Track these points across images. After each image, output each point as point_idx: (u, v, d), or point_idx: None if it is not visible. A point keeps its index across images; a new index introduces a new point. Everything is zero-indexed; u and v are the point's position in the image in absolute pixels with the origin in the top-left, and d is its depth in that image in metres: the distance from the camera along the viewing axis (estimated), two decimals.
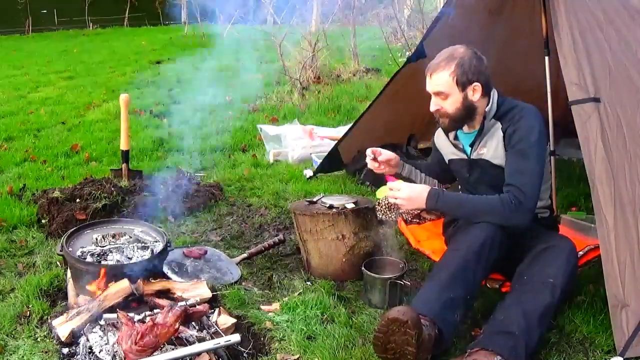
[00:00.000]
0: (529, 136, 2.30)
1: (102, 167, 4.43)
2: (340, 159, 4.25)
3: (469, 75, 2.33)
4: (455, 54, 2.36)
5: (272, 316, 2.45)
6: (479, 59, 2.37)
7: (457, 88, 2.35)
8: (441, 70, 2.35)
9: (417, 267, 2.89)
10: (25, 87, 7.93)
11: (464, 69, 2.33)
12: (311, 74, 7.43)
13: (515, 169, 2.30)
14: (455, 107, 2.38)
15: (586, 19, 2.60)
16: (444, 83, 2.35)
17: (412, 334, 1.97)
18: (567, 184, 3.80)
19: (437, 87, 2.38)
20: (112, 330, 2.18)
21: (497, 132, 2.40)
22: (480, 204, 2.32)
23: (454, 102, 2.37)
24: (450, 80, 2.34)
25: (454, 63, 2.34)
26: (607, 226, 2.19)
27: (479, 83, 2.35)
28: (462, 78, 2.33)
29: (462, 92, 2.35)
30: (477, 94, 2.36)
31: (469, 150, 2.51)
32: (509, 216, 2.24)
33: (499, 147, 2.40)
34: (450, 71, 2.34)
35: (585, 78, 2.42)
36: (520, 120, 2.34)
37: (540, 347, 2.21)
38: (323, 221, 2.70)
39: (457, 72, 2.33)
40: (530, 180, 2.26)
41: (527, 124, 2.32)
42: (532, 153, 2.29)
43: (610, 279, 2.13)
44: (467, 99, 2.36)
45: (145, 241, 2.70)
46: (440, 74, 2.35)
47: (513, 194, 2.24)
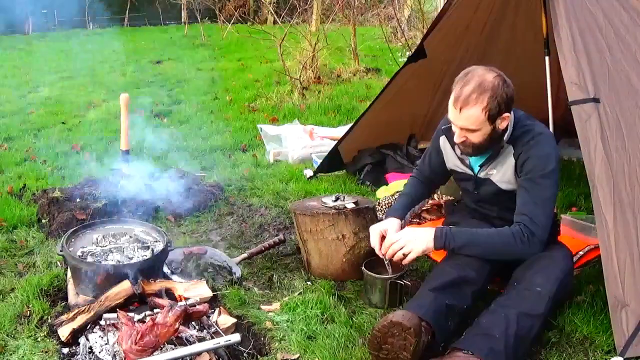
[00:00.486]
0: (542, 165, 2.22)
1: (102, 167, 4.42)
2: (341, 159, 4.25)
3: (501, 107, 2.18)
4: (486, 85, 2.15)
5: (272, 316, 2.45)
6: (508, 86, 2.20)
7: (488, 122, 2.19)
8: (472, 106, 2.15)
9: (417, 267, 2.89)
10: (25, 87, 7.92)
11: (497, 102, 2.15)
12: (311, 74, 7.43)
13: (528, 200, 2.23)
14: (482, 138, 2.25)
15: (586, 19, 2.61)
16: (475, 120, 2.18)
17: (411, 341, 1.98)
18: (567, 184, 3.81)
19: (466, 124, 2.21)
20: (112, 330, 2.18)
21: (509, 157, 2.31)
22: (493, 241, 2.25)
23: (483, 135, 2.23)
24: (482, 115, 2.17)
25: (486, 96, 2.15)
26: (607, 226, 2.19)
27: (508, 112, 2.22)
28: (494, 112, 2.17)
29: (492, 125, 2.21)
30: (505, 122, 2.24)
31: (477, 169, 2.43)
32: (522, 250, 2.20)
33: (508, 172, 2.32)
34: (482, 106, 2.15)
35: (585, 78, 2.42)
36: (534, 148, 2.24)
37: (540, 347, 2.21)
38: (323, 221, 2.70)
39: (490, 107, 2.15)
40: (543, 211, 2.21)
41: (541, 152, 2.23)
42: (546, 183, 2.21)
43: (610, 279, 2.14)
44: (496, 129, 2.24)
45: (146, 241, 2.70)
46: (472, 110, 2.16)
47: (525, 225, 2.19)
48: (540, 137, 2.26)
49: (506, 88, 2.18)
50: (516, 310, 2.09)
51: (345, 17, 9.03)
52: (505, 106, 2.19)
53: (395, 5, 9.41)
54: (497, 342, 2.01)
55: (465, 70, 2.24)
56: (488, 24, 3.75)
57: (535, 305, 2.11)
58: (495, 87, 2.15)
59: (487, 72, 2.20)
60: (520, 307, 2.10)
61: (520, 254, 2.22)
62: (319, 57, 7.60)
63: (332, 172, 4.29)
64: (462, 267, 2.24)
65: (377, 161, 4.16)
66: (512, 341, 2.02)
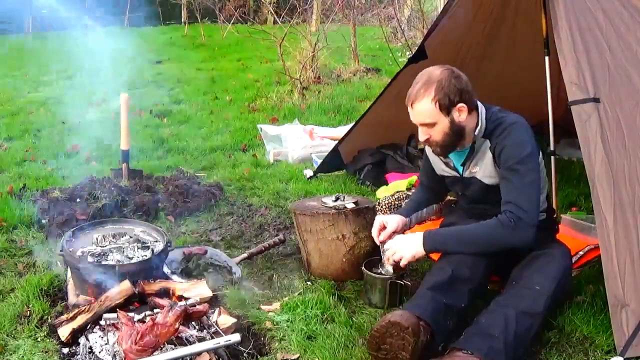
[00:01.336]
0: (518, 152, 2.24)
1: (102, 167, 4.43)
2: (341, 159, 4.26)
3: (451, 96, 2.23)
4: (432, 78, 2.25)
5: (272, 316, 2.45)
6: (457, 78, 2.26)
7: (442, 114, 2.25)
8: (421, 99, 2.24)
9: (417, 267, 2.89)
10: (25, 87, 7.92)
11: (444, 92, 2.22)
12: (311, 74, 7.43)
13: (510, 187, 2.25)
14: (444, 133, 2.29)
15: (586, 19, 2.61)
16: (427, 112, 2.25)
17: (410, 341, 1.98)
18: (567, 184, 3.81)
19: (421, 118, 2.28)
20: (112, 330, 2.18)
21: (487, 151, 2.34)
22: (480, 233, 2.27)
23: (442, 129, 2.28)
24: (433, 107, 2.23)
25: (432, 88, 2.23)
26: (607, 226, 2.19)
27: (462, 102, 2.26)
28: (444, 101, 2.23)
29: (448, 117, 2.26)
30: (463, 114, 2.27)
31: (461, 169, 2.47)
32: (512, 237, 2.20)
33: (489, 166, 2.35)
34: (431, 98, 2.23)
35: (585, 78, 2.42)
36: (507, 137, 2.27)
37: (540, 347, 2.21)
38: (323, 221, 2.70)
39: (438, 97, 2.22)
40: (526, 195, 2.21)
41: (515, 140, 2.26)
42: (524, 168, 2.23)
43: (610, 279, 2.14)
44: (455, 122, 2.27)
45: (146, 241, 2.70)
46: (422, 103, 2.25)
47: (511, 212, 2.20)
48: (513, 126, 2.29)
49: (454, 79, 2.25)
50: (515, 309, 2.09)
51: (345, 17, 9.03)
52: (457, 97, 2.24)
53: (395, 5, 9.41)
54: (497, 341, 2.01)
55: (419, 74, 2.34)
56: (488, 25, 3.75)
57: (534, 303, 2.11)
58: (441, 79, 2.24)
59: (436, 69, 2.29)
60: (519, 306, 2.10)
61: (510, 240, 2.22)
62: (319, 57, 7.60)
63: (332, 172, 4.30)
64: (457, 265, 2.24)
65: (377, 161, 4.16)
66: (511, 340, 2.02)
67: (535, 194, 2.25)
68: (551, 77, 3.19)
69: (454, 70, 2.29)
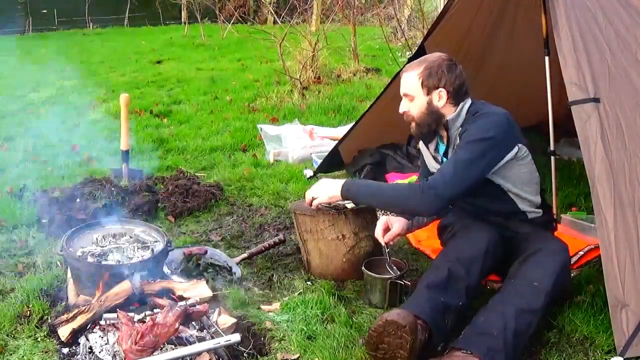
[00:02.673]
0: (475, 133, 2.26)
1: (102, 167, 4.43)
2: (341, 159, 4.26)
3: (434, 79, 2.34)
4: (427, 59, 2.39)
5: (272, 316, 2.45)
6: (450, 67, 2.36)
7: (422, 90, 2.36)
8: (410, 70, 2.39)
9: (417, 267, 2.90)
10: (25, 87, 7.92)
11: (431, 72, 2.34)
12: (311, 74, 7.43)
13: (448, 160, 2.32)
14: (420, 110, 2.39)
15: (586, 19, 2.61)
16: (410, 83, 2.38)
17: (407, 339, 1.98)
18: (567, 184, 3.80)
19: (404, 87, 2.41)
20: (112, 330, 2.18)
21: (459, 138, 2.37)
22: (391, 191, 2.40)
23: (419, 106, 2.38)
24: (416, 80, 2.36)
25: (422, 66, 2.37)
26: (607, 226, 2.19)
27: (444, 90, 2.35)
28: (427, 81, 2.35)
29: (427, 96, 2.36)
30: (442, 100, 2.36)
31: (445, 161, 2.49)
32: (418, 202, 2.25)
33: None
34: (418, 72, 2.36)
35: (585, 78, 2.42)
36: (474, 122, 2.30)
37: (540, 347, 2.21)
38: (323, 221, 2.70)
39: (424, 74, 2.35)
40: (455, 171, 2.22)
41: (479, 124, 2.28)
42: (472, 147, 2.24)
43: (610, 279, 2.14)
44: (432, 104, 2.37)
45: (146, 241, 2.70)
46: (409, 74, 2.39)
47: (430, 181, 2.25)
48: (486, 115, 2.32)
49: (447, 67, 2.35)
50: (514, 306, 2.08)
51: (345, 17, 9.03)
52: (441, 81, 2.34)
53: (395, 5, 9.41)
54: (496, 340, 2.01)
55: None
56: (489, 25, 3.75)
57: (533, 300, 2.10)
58: (433, 61, 2.37)
59: (437, 53, 2.44)
60: (517, 303, 2.09)
61: (414, 205, 2.29)
62: (319, 57, 7.60)
63: (332, 172, 4.30)
64: (453, 264, 2.25)
65: (377, 161, 4.16)
66: (510, 338, 2.02)
67: (468, 174, 2.23)
68: (551, 77, 3.19)
69: (451, 59, 2.39)
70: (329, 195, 2.47)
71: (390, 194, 2.38)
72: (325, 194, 2.48)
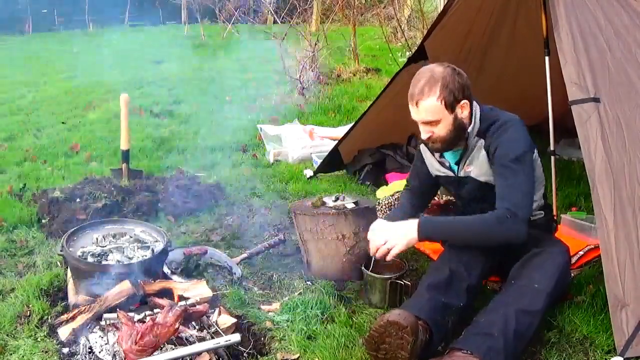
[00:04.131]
0: (511, 150, 2.25)
1: (102, 167, 4.43)
2: (341, 159, 4.26)
3: (455, 93, 2.26)
4: (436, 75, 2.26)
5: (272, 316, 2.45)
6: (459, 75, 2.29)
7: (447, 111, 2.27)
8: (427, 97, 2.25)
9: (417, 267, 2.89)
10: (25, 87, 7.92)
11: (450, 89, 2.25)
12: (311, 74, 7.43)
13: (504, 185, 2.25)
14: (447, 130, 2.30)
15: (586, 19, 2.61)
16: (433, 110, 2.26)
17: (408, 340, 1.98)
18: (567, 184, 3.81)
19: (426, 115, 2.28)
20: (112, 330, 2.18)
21: (481, 150, 2.35)
22: (476, 225, 2.26)
23: (446, 126, 2.30)
24: (439, 105, 2.25)
25: (437, 86, 2.24)
26: (607, 226, 2.19)
27: (465, 99, 2.29)
28: (450, 99, 2.25)
29: (452, 113, 2.28)
30: (465, 110, 2.31)
31: (456, 168, 2.47)
32: (506, 231, 2.20)
33: (484, 165, 2.36)
34: (436, 96, 2.24)
35: (585, 78, 2.42)
36: (501, 135, 2.28)
37: (540, 347, 2.21)
38: (323, 221, 2.70)
39: (444, 95, 2.24)
40: (520, 192, 2.22)
41: (509, 137, 2.27)
42: (518, 167, 2.24)
43: (610, 279, 2.14)
44: (458, 118, 2.30)
45: (146, 241, 2.70)
46: (428, 101, 2.25)
47: (506, 208, 2.20)
48: (507, 124, 2.30)
49: (457, 76, 2.28)
50: (514, 307, 2.09)
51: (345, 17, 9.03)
52: (461, 93, 2.27)
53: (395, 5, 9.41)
54: (496, 340, 2.01)
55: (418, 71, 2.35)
56: (489, 25, 3.75)
57: (533, 301, 2.11)
58: (445, 76, 2.26)
59: (436, 66, 2.31)
60: (518, 304, 2.10)
61: (504, 235, 2.22)
62: (319, 57, 7.60)
63: (332, 172, 4.30)
64: (455, 265, 2.25)
65: (377, 161, 4.16)
66: (511, 339, 2.02)
67: (528, 191, 2.26)
68: (551, 77, 3.19)
69: (455, 68, 2.31)
70: (407, 240, 2.26)
71: (475, 229, 2.25)
72: (403, 239, 2.26)
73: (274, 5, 9.11)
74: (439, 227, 2.31)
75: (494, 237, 2.24)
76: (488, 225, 2.23)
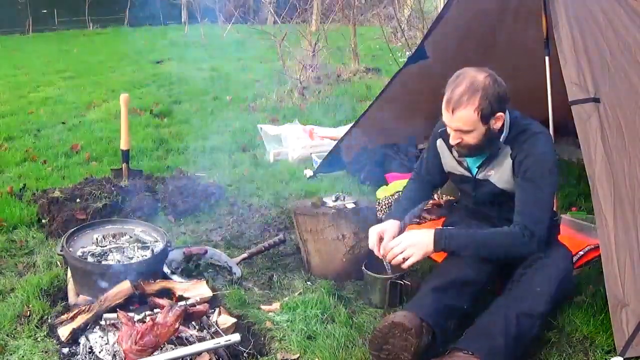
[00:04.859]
0: (539, 164, 2.21)
1: (102, 167, 4.43)
2: (341, 159, 4.25)
3: (493, 107, 2.17)
4: (477, 84, 2.15)
5: (272, 316, 2.45)
6: (500, 85, 2.19)
7: (481, 122, 2.18)
8: (464, 107, 2.15)
9: (417, 267, 2.89)
10: (25, 87, 7.92)
11: (489, 102, 2.15)
12: (311, 74, 7.43)
13: (526, 199, 2.22)
14: (477, 139, 2.23)
15: (586, 19, 2.61)
16: (468, 120, 2.17)
17: (412, 342, 1.99)
18: (567, 184, 3.81)
19: (460, 125, 2.20)
20: (112, 330, 2.18)
21: (507, 158, 2.29)
22: (493, 242, 2.23)
23: (477, 136, 2.22)
24: (475, 116, 2.16)
25: (477, 97, 2.14)
26: (607, 226, 2.19)
27: (501, 112, 2.21)
28: (486, 111, 2.16)
29: (486, 125, 2.20)
30: (499, 122, 2.23)
31: (475, 170, 2.42)
32: (523, 249, 2.20)
33: (506, 173, 2.31)
34: (474, 107, 2.14)
35: (585, 78, 2.42)
36: (530, 147, 2.23)
37: (538, 348, 2.21)
38: (323, 221, 2.71)
39: (482, 107, 2.14)
40: (541, 211, 2.21)
41: (538, 151, 2.22)
42: (544, 182, 2.20)
43: (610, 279, 2.14)
44: (490, 129, 2.22)
45: (146, 241, 2.70)
46: (465, 111, 2.15)
47: (525, 225, 2.18)
48: (537, 137, 2.25)
49: (497, 87, 2.17)
50: (516, 310, 2.09)
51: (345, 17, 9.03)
52: (498, 106, 2.19)
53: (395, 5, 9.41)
54: (497, 342, 2.01)
55: (457, 72, 2.24)
56: (489, 24, 3.74)
57: (535, 304, 2.11)
58: (486, 87, 2.15)
59: (478, 73, 2.19)
60: (519, 307, 2.10)
61: (521, 253, 2.22)
62: (319, 57, 7.60)
63: (332, 172, 4.29)
64: (462, 268, 2.24)
65: (377, 161, 4.16)
66: (511, 341, 2.02)
67: (549, 209, 2.26)
68: (551, 77, 3.19)
69: (496, 78, 2.20)
70: (422, 253, 2.23)
71: (493, 247, 2.23)
72: (420, 250, 2.22)
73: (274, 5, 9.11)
74: (455, 240, 2.24)
75: (508, 254, 2.24)
76: (504, 242, 2.22)
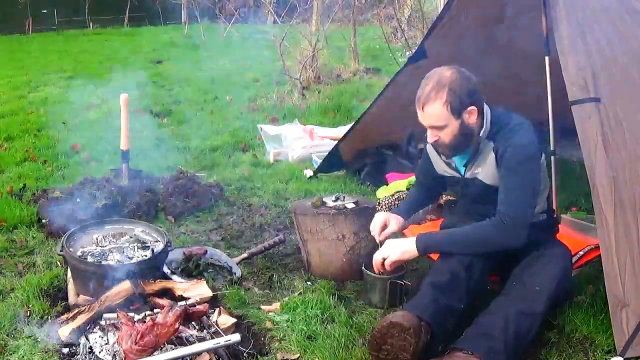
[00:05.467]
0: (520, 153, 2.23)
1: (102, 167, 4.42)
2: (341, 159, 4.25)
3: (462, 99, 2.20)
4: (443, 80, 2.21)
5: (272, 316, 2.45)
6: (468, 80, 2.23)
7: (453, 117, 2.22)
8: (432, 102, 2.20)
9: (417, 267, 2.89)
10: (25, 87, 7.92)
11: (456, 95, 2.19)
12: (311, 74, 7.43)
13: (507, 188, 2.25)
14: (452, 135, 2.27)
15: (586, 19, 2.60)
16: (438, 115, 2.22)
17: (411, 342, 1.99)
18: (567, 184, 3.80)
19: (431, 121, 2.25)
20: (112, 330, 2.18)
21: (490, 152, 2.32)
22: (472, 235, 2.28)
23: (452, 131, 2.26)
24: (444, 110, 2.20)
25: (444, 91, 2.19)
26: (607, 226, 2.19)
27: (473, 106, 2.24)
28: (456, 104, 2.20)
29: (458, 119, 2.23)
30: (473, 116, 2.26)
31: (463, 170, 2.45)
32: (503, 238, 2.21)
33: (492, 168, 2.34)
34: (442, 101, 2.19)
35: (585, 78, 2.42)
36: (510, 138, 2.25)
37: (540, 347, 2.21)
38: (323, 221, 2.71)
39: (450, 100, 2.19)
40: (520, 196, 2.22)
41: (518, 141, 2.24)
42: (524, 169, 2.23)
43: (610, 279, 2.14)
44: (464, 124, 2.25)
45: (146, 241, 2.70)
46: (434, 107, 2.21)
47: (504, 213, 2.21)
48: (517, 127, 2.28)
49: (465, 81, 2.22)
50: (515, 309, 2.09)
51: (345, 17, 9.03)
52: (468, 99, 2.22)
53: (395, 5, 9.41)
54: (497, 341, 2.01)
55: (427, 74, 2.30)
56: (489, 24, 3.75)
57: (534, 304, 2.11)
58: (452, 82, 2.20)
59: (445, 70, 2.25)
60: (519, 306, 2.10)
61: (502, 242, 2.23)
62: (319, 57, 7.60)
63: (332, 172, 4.29)
64: (455, 266, 2.25)
65: (377, 161, 4.16)
66: (511, 340, 2.03)
67: (530, 196, 2.26)
68: (551, 77, 3.18)
69: (464, 72, 2.25)
70: (401, 251, 2.32)
71: (473, 237, 2.27)
72: (398, 251, 2.33)
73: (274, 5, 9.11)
74: (436, 241, 2.34)
75: (492, 244, 2.25)
76: (485, 233, 2.25)
